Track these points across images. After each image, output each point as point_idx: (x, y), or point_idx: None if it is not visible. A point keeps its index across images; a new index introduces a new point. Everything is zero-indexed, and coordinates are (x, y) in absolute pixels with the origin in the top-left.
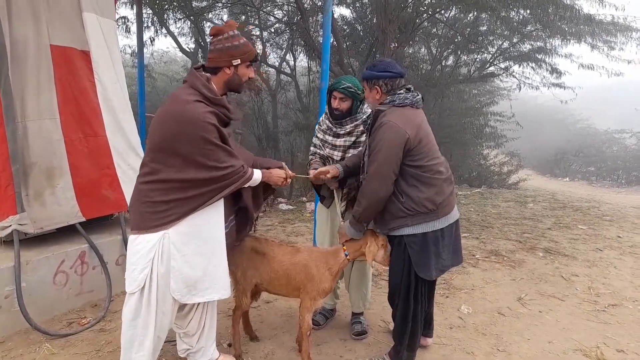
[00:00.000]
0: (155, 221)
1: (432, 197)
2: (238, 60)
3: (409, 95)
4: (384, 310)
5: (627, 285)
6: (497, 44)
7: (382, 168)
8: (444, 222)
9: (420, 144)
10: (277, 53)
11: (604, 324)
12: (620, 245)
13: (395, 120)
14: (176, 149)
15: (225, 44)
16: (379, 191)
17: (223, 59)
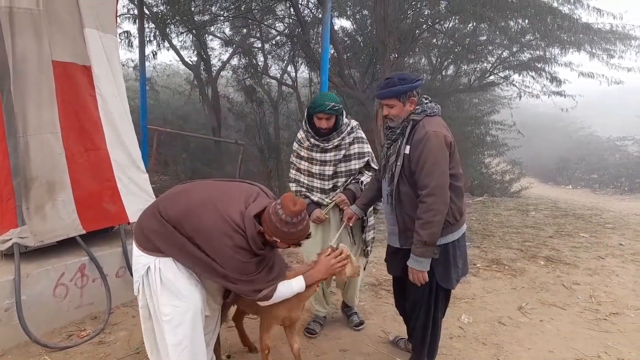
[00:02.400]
0: None
1: (460, 208)
2: (279, 240)
3: (435, 106)
4: (384, 320)
5: (628, 293)
6: (496, 53)
7: (443, 178)
8: (461, 232)
9: (454, 151)
10: (279, 65)
11: (605, 332)
12: (622, 253)
13: (436, 128)
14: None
15: (290, 230)
16: (447, 200)
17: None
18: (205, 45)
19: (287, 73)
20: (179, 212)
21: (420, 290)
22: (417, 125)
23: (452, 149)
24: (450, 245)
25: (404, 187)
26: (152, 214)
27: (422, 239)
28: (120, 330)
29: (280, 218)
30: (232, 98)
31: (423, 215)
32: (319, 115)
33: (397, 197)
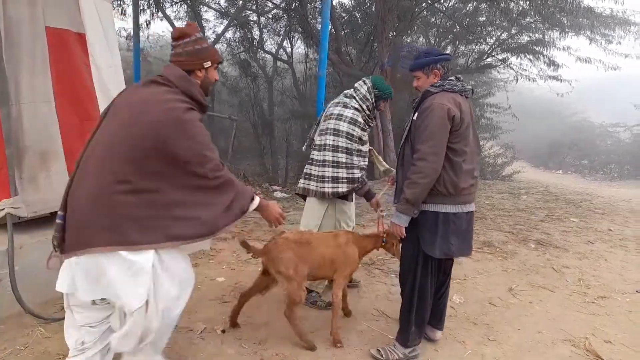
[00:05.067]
0: None
1: (456, 183)
2: (209, 63)
3: (458, 82)
4: (377, 298)
5: (616, 277)
6: (495, 35)
7: (437, 146)
8: (458, 209)
9: (462, 126)
10: (274, 39)
11: (593, 315)
12: (611, 238)
13: (442, 101)
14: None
15: (195, 47)
16: (438, 168)
17: (195, 62)
18: (200, 17)
19: (282, 48)
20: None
21: (408, 257)
22: (430, 96)
23: (456, 123)
24: (442, 215)
25: (407, 150)
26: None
27: (405, 196)
28: None
29: (187, 44)
30: (226, 72)
31: (411, 175)
32: (388, 100)
33: (401, 159)
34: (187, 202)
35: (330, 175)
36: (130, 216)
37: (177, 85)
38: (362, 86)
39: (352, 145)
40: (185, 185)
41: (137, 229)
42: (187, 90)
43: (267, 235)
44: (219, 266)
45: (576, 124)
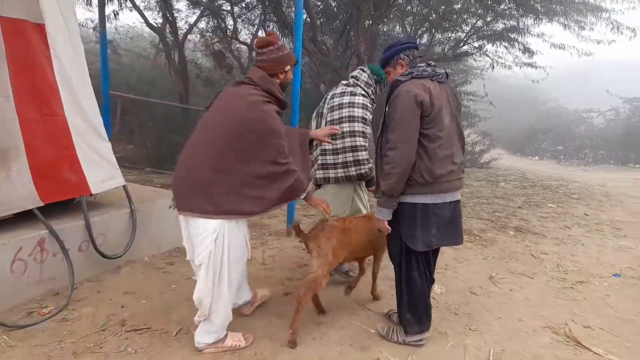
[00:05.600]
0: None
1: (432, 170)
2: (288, 67)
3: (428, 68)
4: (359, 292)
5: (593, 262)
6: (471, 22)
7: (406, 133)
8: (438, 198)
9: (433, 111)
10: (249, 29)
11: (571, 300)
12: (587, 223)
13: (410, 87)
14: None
15: (279, 54)
16: (409, 156)
17: (279, 67)
18: (171, 6)
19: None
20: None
21: (393, 249)
22: (398, 85)
23: (426, 108)
24: (420, 206)
25: (384, 142)
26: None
27: (381, 188)
28: (84, 306)
29: (272, 51)
30: (201, 63)
31: (385, 166)
32: (382, 85)
33: (379, 151)
34: (254, 184)
35: (352, 159)
36: (209, 191)
37: (259, 84)
38: (361, 74)
39: (366, 129)
40: (256, 170)
41: (212, 201)
42: (268, 88)
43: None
44: None
45: (551, 110)
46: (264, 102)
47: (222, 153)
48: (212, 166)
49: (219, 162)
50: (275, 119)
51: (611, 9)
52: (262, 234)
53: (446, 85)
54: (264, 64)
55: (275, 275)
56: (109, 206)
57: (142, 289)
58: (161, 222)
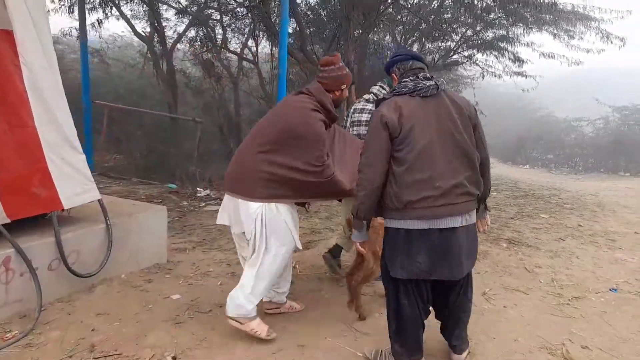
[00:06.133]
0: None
1: (397, 194)
2: (345, 85)
3: (411, 83)
4: (346, 310)
5: (589, 275)
6: (461, 31)
7: (370, 156)
8: (416, 224)
9: (403, 132)
10: (239, 38)
11: (568, 318)
12: (581, 234)
13: (382, 107)
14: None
15: (338, 73)
16: (372, 179)
17: (336, 85)
18: (159, 15)
19: (247, 47)
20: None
21: (383, 271)
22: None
23: (393, 129)
24: (403, 232)
25: None
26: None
27: (352, 210)
28: (52, 329)
29: (333, 70)
30: (189, 73)
31: (355, 187)
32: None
33: None
34: (291, 177)
35: None
36: (254, 177)
37: (314, 95)
38: (380, 91)
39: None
40: (293, 166)
41: (254, 187)
42: (320, 99)
43: (230, 244)
44: (175, 281)
45: (541, 118)
46: (312, 110)
47: (268, 148)
48: (258, 159)
49: (264, 155)
50: (317, 125)
51: (600, 18)
52: None
53: (438, 99)
54: (324, 80)
55: None
56: (83, 221)
57: (117, 310)
58: (140, 238)
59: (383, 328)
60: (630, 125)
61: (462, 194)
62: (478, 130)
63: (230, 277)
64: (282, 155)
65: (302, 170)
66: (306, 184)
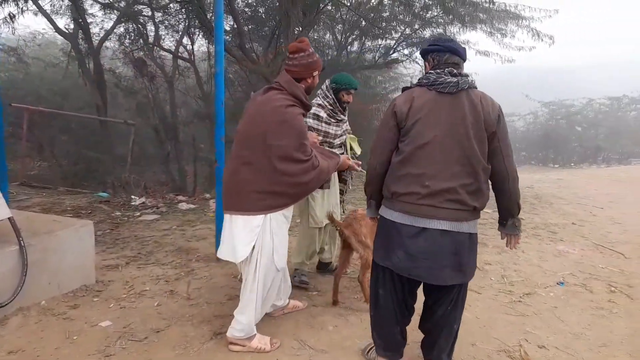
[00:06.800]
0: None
1: (388, 183)
2: (316, 72)
3: (434, 76)
4: (298, 325)
5: (536, 270)
6: (400, 29)
7: (376, 142)
8: (406, 219)
9: (407, 123)
10: (173, 36)
11: (521, 316)
12: (524, 228)
13: (400, 96)
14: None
15: (309, 60)
16: (374, 164)
17: (307, 72)
18: (83, 11)
19: (183, 45)
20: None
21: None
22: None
23: (400, 120)
24: (387, 221)
25: None
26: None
27: (364, 187)
28: None
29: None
30: (120, 72)
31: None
32: (350, 91)
33: None
34: (283, 180)
35: None
36: (247, 190)
37: (286, 88)
38: (322, 86)
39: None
40: (283, 168)
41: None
42: (293, 92)
43: (168, 257)
44: (105, 305)
45: None
46: (288, 106)
47: (254, 157)
48: (246, 170)
49: (251, 165)
50: (297, 120)
51: (530, 17)
52: (189, 261)
53: (456, 98)
54: (294, 68)
55: (201, 313)
56: None
57: (34, 345)
58: (62, 258)
59: (339, 344)
60: (557, 119)
61: (452, 200)
62: (497, 139)
63: (168, 296)
64: (268, 161)
65: (291, 174)
66: (300, 182)
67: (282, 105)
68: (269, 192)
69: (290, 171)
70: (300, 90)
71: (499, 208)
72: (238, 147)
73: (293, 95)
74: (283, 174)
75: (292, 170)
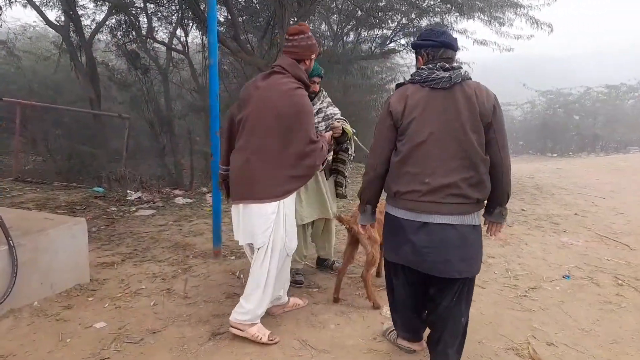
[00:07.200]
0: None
1: (389, 183)
2: (314, 55)
3: (426, 72)
4: (298, 324)
5: (540, 263)
6: (397, 19)
7: (375, 143)
8: (409, 215)
9: (403, 122)
10: (167, 28)
11: (528, 312)
12: (526, 219)
13: (394, 95)
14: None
15: (308, 42)
16: (373, 164)
17: (306, 54)
18: (74, 4)
19: (176, 37)
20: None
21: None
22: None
23: (395, 119)
24: (390, 217)
25: None
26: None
27: (358, 192)
28: None
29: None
30: (114, 65)
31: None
32: (314, 79)
33: None
34: (296, 164)
35: None
36: (261, 178)
37: (289, 71)
38: None
39: None
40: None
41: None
42: (296, 74)
43: (165, 254)
44: (100, 305)
45: None
46: (297, 88)
47: (267, 144)
48: (257, 158)
49: (263, 153)
50: (308, 102)
51: (528, 5)
52: (185, 257)
53: (450, 93)
54: (294, 49)
55: (199, 312)
56: None
57: (25, 349)
58: (54, 257)
59: (341, 343)
60: (555, 108)
61: (455, 195)
62: (493, 130)
63: (165, 294)
64: (282, 146)
65: (305, 155)
66: (315, 164)
67: (291, 88)
68: (285, 177)
69: (309, 153)
70: (303, 72)
71: (489, 196)
72: (246, 136)
73: (297, 78)
74: (303, 156)
75: (310, 152)
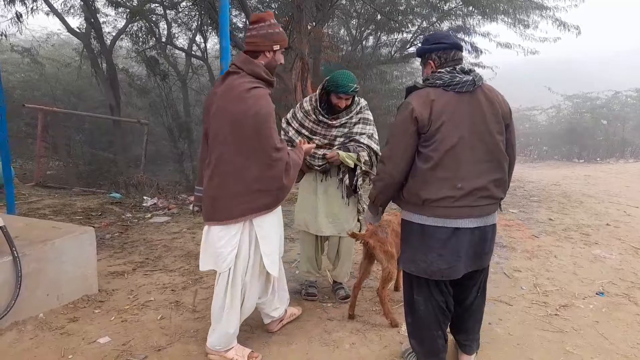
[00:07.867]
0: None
1: (416, 191)
2: (278, 46)
3: (447, 75)
4: (311, 343)
5: (571, 278)
6: (417, 22)
7: (394, 149)
8: (439, 222)
9: (432, 129)
10: (187, 34)
11: (560, 333)
12: (554, 230)
13: (413, 99)
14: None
15: (269, 31)
16: (392, 173)
17: (265, 44)
18: (95, 10)
19: (195, 44)
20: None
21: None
22: (410, 93)
23: (422, 125)
24: (416, 226)
25: None
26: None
27: (369, 195)
28: None
29: (262, 27)
30: (134, 72)
31: (375, 175)
32: (340, 96)
33: None
34: (263, 175)
35: None
36: (223, 196)
37: (243, 69)
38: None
39: (285, 128)
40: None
41: (227, 206)
42: (251, 70)
43: (176, 263)
44: (107, 317)
45: None
46: (250, 89)
47: (225, 157)
48: (220, 172)
49: (224, 167)
50: (264, 102)
51: (554, 7)
52: (197, 267)
53: (474, 95)
54: (251, 40)
55: (206, 328)
56: None
57: None
58: (60, 267)
59: None
60: (582, 113)
61: (485, 197)
62: (509, 131)
63: (174, 307)
64: (244, 157)
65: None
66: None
67: (244, 89)
68: (249, 192)
69: (272, 163)
70: (260, 67)
71: None
72: (210, 150)
73: (253, 75)
74: (267, 167)
75: (273, 162)
